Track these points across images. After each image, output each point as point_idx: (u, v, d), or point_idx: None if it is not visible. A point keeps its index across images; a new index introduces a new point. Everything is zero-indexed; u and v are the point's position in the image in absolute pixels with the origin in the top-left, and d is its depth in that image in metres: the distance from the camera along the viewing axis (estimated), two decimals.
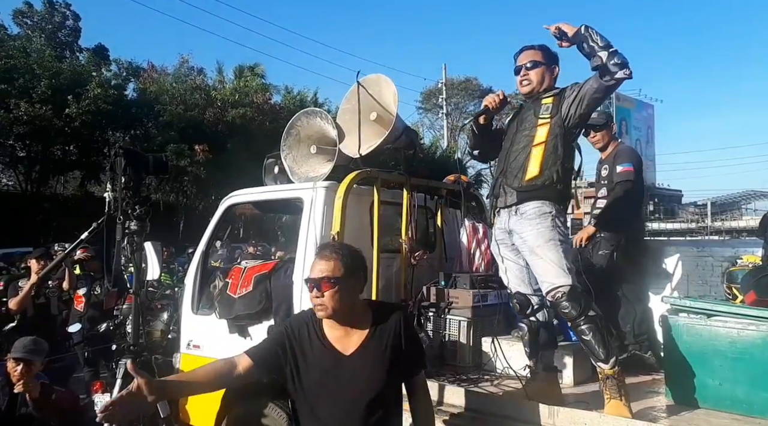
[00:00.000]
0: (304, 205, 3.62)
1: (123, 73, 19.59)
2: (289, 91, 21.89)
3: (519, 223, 2.80)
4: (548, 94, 2.86)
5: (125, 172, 2.14)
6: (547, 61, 2.94)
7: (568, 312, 2.66)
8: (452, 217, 4.53)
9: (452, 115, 33.50)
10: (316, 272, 2.00)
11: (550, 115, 2.80)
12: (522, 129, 2.91)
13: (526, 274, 2.90)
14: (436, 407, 2.70)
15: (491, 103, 2.96)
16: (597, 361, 2.65)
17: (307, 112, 4.17)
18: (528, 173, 2.78)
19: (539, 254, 2.71)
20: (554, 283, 2.67)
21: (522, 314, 2.92)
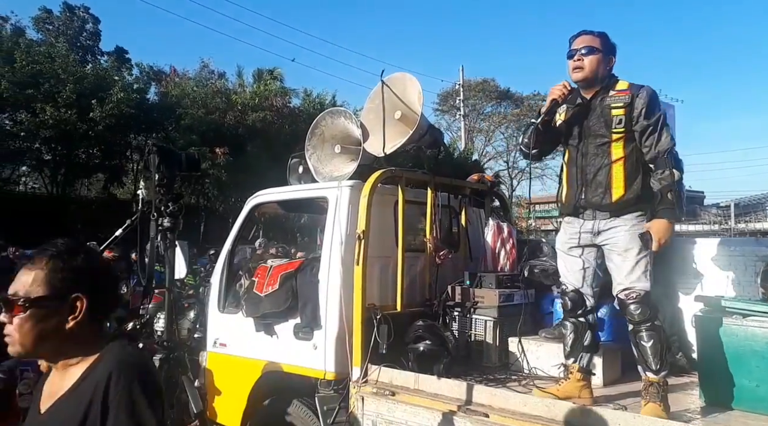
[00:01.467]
0: (329, 205, 3.64)
1: (145, 77, 19.91)
2: (308, 94, 21.99)
3: (614, 224, 2.76)
4: (617, 103, 2.74)
5: (158, 170, 2.17)
6: (605, 49, 2.83)
7: (637, 314, 2.66)
8: (476, 216, 4.51)
9: (469, 116, 33.32)
10: (11, 287, 1.36)
11: (625, 130, 2.73)
12: (591, 136, 2.81)
13: (590, 275, 2.88)
14: (464, 406, 2.69)
15: (560, 95, 2.84)
16: (646, 370, 2.64)
17: (331, 112, 4.19)
18: (614, 193, 2.74)
19: (628, 256, 2.70)
20: (633, 285, 2.68)
21: (571, 313, 2.90)
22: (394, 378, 3.05)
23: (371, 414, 3.01)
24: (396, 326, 3.29)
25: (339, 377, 3.27)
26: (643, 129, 2.70)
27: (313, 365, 3.36)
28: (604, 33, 2.86)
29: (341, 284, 3.36)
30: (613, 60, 2.87)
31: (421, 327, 3.26)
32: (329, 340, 3.32)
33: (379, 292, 3.66)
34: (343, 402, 3.18)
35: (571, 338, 2.90)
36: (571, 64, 2.84)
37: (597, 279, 2.88)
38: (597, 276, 2.87)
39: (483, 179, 4.58)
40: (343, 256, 3.42)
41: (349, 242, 3.41)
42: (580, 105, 2.88)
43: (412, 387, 2.97)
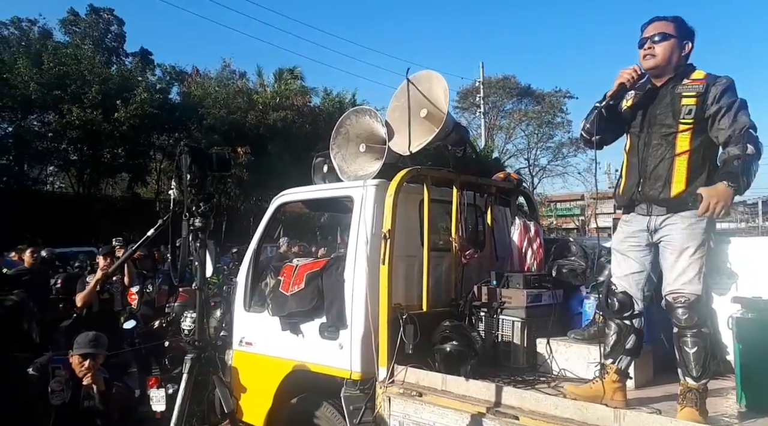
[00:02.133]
0: (355, 204, 3.62)
1: (167, 77, 20.20)
2: (328, 93, 22.08)
3: (671, 220, 2.61)
4: (690, 92, 2.57)
5: (190, 170, 2.18)
6: (679, 34, 2.64)
7: (683, 319, 2.55)
8: (502, 215, 4.46)
9: (489, 114, 33.10)
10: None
11: (694, 121, 2.54)
12: (656, 125, 2.65)
13: (643, 279, 2.76)
14: (493, 408, 2.66)
15: (628, 78, 2.66)
16: (686, 375, 2.55)
17: (356, 111, 4.18)
18: (674, 188, 2.57)
19: (684, 256, 2.56)
20: (684, 287, 2.55)
21: (618, 314, 2.79)
22: (421, 378, 3.03)
23: (398, 415, 2.99)
24: (422, 326, 3.25)
25: (365, 377, 3.26)
26: (716, 112, 2.51)
27: (339, 365, 3.36)
28: (679, 17, 2.68)
29: (367, 284, 3.34)
30: (690, 46, 2.66)
31: (448, 327, 3.23)
32: (355, 340, 3.31)
33: (404, 292, 3.64)
34: (369, 402, 3.17)
35: (613, 339, 2.80)
36: (642, 53, 2.67)
37: (650, 283, 2.75)
38: (650, 280, 2.75)
39: (509, 177, 4.53)
40: (368, 256, 3.41)
41: (375, 241, 3.40)
42: (648, 91, 2.71)
43: (439, 388, 2.94)
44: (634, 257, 2.75)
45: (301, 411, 3.62)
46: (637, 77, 2.68)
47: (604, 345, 2.87)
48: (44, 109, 16.20)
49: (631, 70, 2.67)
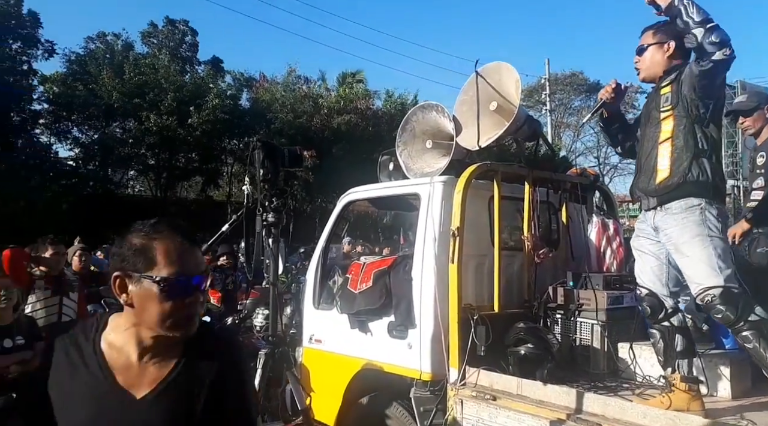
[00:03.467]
0: (422, 201, 3.56)
1: (237, 83, 20.96)
2: (390, 95, 22.15)
3: (663, 219, 2.56)
4: (665, 82, 2.61)
5: (263, 165, 2.19)
6: (658, 39, 2.66)
7: (723, 316, 2.36)
8: (577, 213, 4.25)
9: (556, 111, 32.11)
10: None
11: (672, 106, 2.55)
12: (648, 125, 2.72)
13: (664, 273, 2.63)
14: (574, 415, 2.51)
15: (605, 95, 2.87)
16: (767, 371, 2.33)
17: (422, 107, 4.11)
18: (659, 175, 2.56)
19: (685, 252, 2.45)
20: (703, 284, 2.38)
21: (653, 319, 2.66)
22: (495, 382, 2.92)
23: (471, 418, 2.89)
24: (494, 328, 3.14)
25: (435, 378, 3.18)
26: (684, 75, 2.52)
27: (408, 364, 3.30)
28: (660, 22, 2.66)
29: (435, 283, 3.27)
30: (669, 45, 2.63)
31: (523, 329, 3.09)
32: (424, 340, 3.24)
33: (474, 292, 3.53)
34: (440, 404, 3.09)
35: (660, 346, 2.64)
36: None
37: (673, 277, 2.63)
38: (672, 273, 2.62)
39: (585, 173, 4.31)
40: (436, 254, 3.33)
41: (443, 240, 3.31)
42: (648, 95, 2.82)
43: (514, 392, 2.82)
44: (649, 251, 2.68)
45: (371, 410, 3.59)
46: (612, 91, 2.85)
47: (656, 356, 2.71)
48: (125, 117, 17.23)
49: (608, 87, 2.87)
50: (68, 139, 17.88)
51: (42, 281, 4.27)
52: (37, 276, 4.27)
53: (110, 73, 16.61)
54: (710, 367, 2.84)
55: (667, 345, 2.64)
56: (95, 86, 16.68)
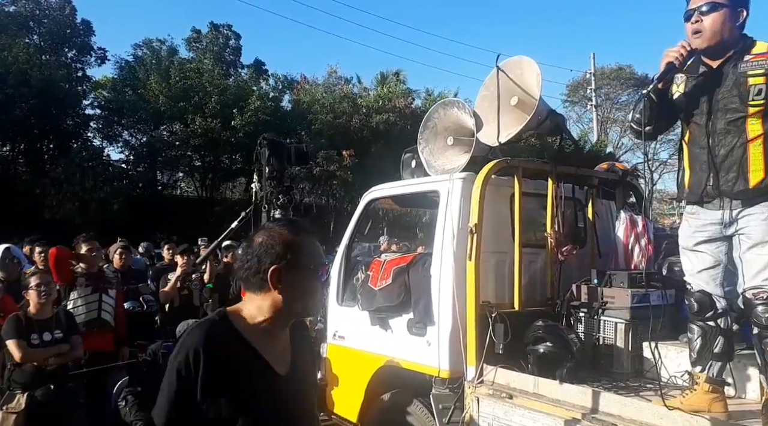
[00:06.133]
0: (441, 198, 3.54)
1: (279, 85, 21.36)
2: (430, 93, 22.04)
3: (747, 213, 2.37)
4: (756, 70, 2.29)
5: (269, 162, 2.23)
6: (732, 2, 2.35)
7: (766, 317, 2.27)
8: (606, 209, 4.13)
9: (602, 106, 31.13)
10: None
11: (765, 101, 2.29)
12: (721, 111, 2.38)
13: (720, 273, 2.50)
14: (589, 414, 2.45)
15: (676, 56, 2.37)
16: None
17: (444, 104, 4.09)
18: (752, 178, 2.32)
19: (763, 250, 2.31)
20: (764, 283, 2.29)
21: (699, 316, 2.53)
22: (512, 380, 2.88)
23: (487, 416, 2.87)
24: (513, 326, 3.10)
25: (453, 375, 3.17)
26: None
27: (427, 362, 3.30)
28: None
29: (454, 280, 3.25)
30: (745, 14, 2.36)
31: (542, 327, 3.04)
32: (443, 337, 3.23)
33: (495, 290, 3.50)
34: (458, 402, 3.07)
35: (698, 344, 2.51)
36: (689, 28, 2.38)
37: (729, 278, 2.46)
38: (728, 274, 2.46)
39: (613, 168, 4.18)
40: (455, 251, 3.32)
41: (462, 237, 3.29)
42: (704, 74, 2.42)
43: (531, 391, 2.78)
44: (707, 251, 2.48)
45: (392, 407, 3.61)
46: (686, 54, 2.36)
47: (689, 351, 2.58)
48: (172, 120, 17.84)
49: (678, 46, 2.37)
50: (119, 142, 18.71)
51: (83, 278, 4.49)
52: (79, 273, 4.50)
53: (157, 78, 17.25)
54: (739, 368, 2.71)
55: (705, 344, 2.52)
56: (143, 91, 17.37)
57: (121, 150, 18.95)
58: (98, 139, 18.50)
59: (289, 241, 1.47)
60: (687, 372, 2.69)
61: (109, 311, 4.52)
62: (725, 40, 2.36)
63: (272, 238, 1.47)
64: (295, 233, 1.49)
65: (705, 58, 2.44)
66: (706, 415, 2.24)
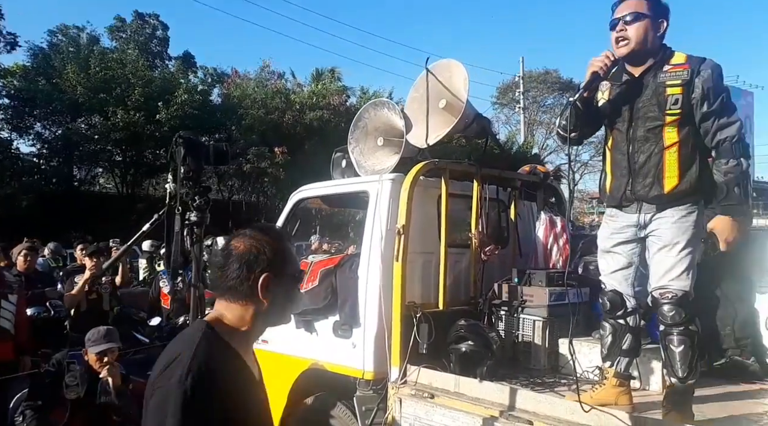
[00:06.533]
0: (370, 199, 3.54)
1: (208, 79, 20.64)
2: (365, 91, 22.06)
3: (660, 216, 2.49)
4: (673, 80, 2.41)
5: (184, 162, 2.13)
6: (653, 13, 2.46)
7: (669, 316, 2.41)
8: (527, 210, 4.28)
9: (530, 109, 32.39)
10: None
11: (681, 111, 2.40)
12: (641, 119, 2.49)
13: (632, 274, 2.63)
14: (507, 412, 2.52)
15: (601, 67, 2.46)
16: (671, 376, 2.41)
17: (374, 104, 4.09)
18: (666, 184, 2.44)
19: (673, 251, 2.44)
20: (671, 283, 2.43)
21: (610, 314, 2.66)
22: (434, 380, 2.92)
23: (409, 417, 2.89)
24: (438, 325, 3.15)
25: (378, 377, 3.17)
26: (705, 114, 2.38)
27: (351, 364, 3.28)
28: None
29: (381, 281, 3.25)
30: (665, 24, 2.50)
31: (464, 326, 3.10)
32: (368, 339, 3.23)
33: (421, 290, 3.54)
34: (381, 403, 3.08)
35: (608, 340, 2.65)
36: (614, 36, 2.50)
37: (640, 278, 2.60)
38: (640, 275, 2.60)
39: (535, 170, 4.34)
40: (383, 252, 3.32)
41: (390, 238, 3.30)
42: (627, 82, 2.54)
43: (452, 390, 2.83)
44: (622, 252, 2.61)
45: (315, 411, 3.56)
46: (610, 64, 2.49)
47: (600, 347, 2.72)
48: (91, 112, 16.80)
49: (603, 56, 2.49)
50: (30, 134, 17.37)
51: None
52: None
53: (75, 68, 16.19)
54: (644, 362, 2.89)
55: (615, 341, 2.66)
56: (59, 81, 16.24)
57: (33, 143, 17.63)
58: (6, 130, 17.10)
59: (276, 247, 1.43)
60: (598, 367, 2.83)
61: (7, 318, 4.17)
62: (647, 48, 2.48)
63: (259, 245, 1.41)
64: (278, 239, 1.45)
65: (628, 66, 2.56)
66: (613, 408, 2.36)
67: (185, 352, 1.30)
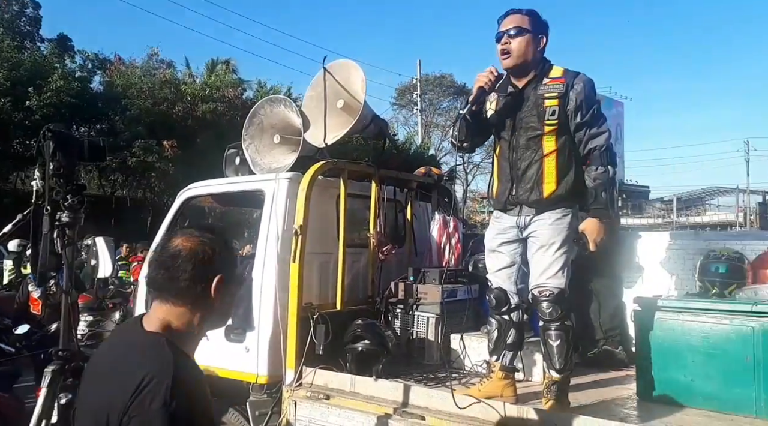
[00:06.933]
0: (266, 198, 3.45)
1: (89, 65, 18.96)
2: (262, 85, 21.50)
3: (538, 218, 2.67)
4: (551, 93, 2.60)
5: (54, 158, 1.93)
6: (534, 29, 2.65)
7: (548, 313, 2.60)
8: (423, 210, 4.40)
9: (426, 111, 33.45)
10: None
11: (558, 121, 2.59)
12: (523, 128, 2.66)
13: (514, 272, 2.79)
14: (400, 409, 2.57)
15: (486, 82, 2.64)
16: (550, 369, 2.61)
17: (270, 100, 3.98)
18: (545, 189, 2.62)
19: (549, 251, 2.61)
20: (548, 281, 2.60)
21: (496, 310, 2.82)
22: (330, 380, 2.91)
23: (304, 419, 2.86)
24: (336, 326, 3.15)
25: (272, 381, 3.10)
26: (578, 125, 2.60)
27: (244, 369, 3.18)
28: (533, 10, 2.70)
29: (276, 283, 3.19)
30: (545, 40, 2.71)
31: (360, 326, 3.12)
32: (262, 342, 3.14)
33: (319, 291, 3.51)
34: (275, 407, 3.01)
35: (494, 335, 2.81)
36: (499, 48, 2.68)
37: (523, 276, 2.79)
38: (523, 273, 2.79)
39: (430, 172, 4.47)
40: (279, 253, 3.25)
41: (287, 238, 3.24)
42: (512, 94, 2.72)
43: (348, 389, 2.83)
44: (505, 252, 2.79)
45: None
46: (494, 79, 2.67)
47: (488, 343, 2.88)
48: None
49: (487, 72, 2.67)
50: None
51: None
52: None
53: None
54: (528, 354, 3.09)
55: (500, 335, 2.81)
56: None
57: None
58: None
59: (226, 248, 1.40)
60: (485, 361, 2.98)
61: None
62: (528, 61, 2.66)
63: (211, 245, 1.35)
64: (226, 240, 1.43)
65: (513, 78, 2.73)
66: (498, 400, 2.49)
67: (160, 374, 1.20)
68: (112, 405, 1.19)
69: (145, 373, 1.20)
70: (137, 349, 1.30)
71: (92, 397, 1.29)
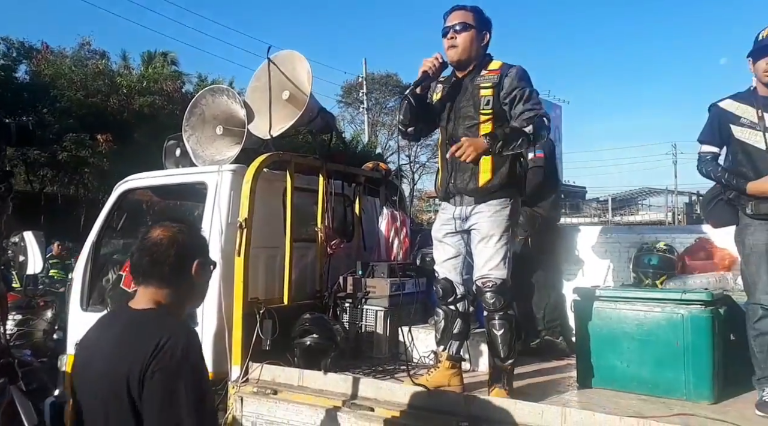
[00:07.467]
0: (208, 191, 3.35)
1: (13, 53, 17.79)
2: (203, 79, 20.87)
3: (478, 214, 2.70)
4: (486, 83, 2.65)
5: None
6: (479, 25, 2.72)
7: (491, 303, 2.64)
8: (371, 205, 4.40)
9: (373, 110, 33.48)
10: None
11: (492, 111, 2.63)
12: (461, 118, 2.71)
13: (460, 263, 2.82)
14: (349, 401, 2.56)
15: (430, 66, 2.67)
16: (495, 357, 2.66)
17: (212, 90, 3.87)
18: (481, 178, 2.64)
19: (490, 243, 2.65)
20: (490, 272, 2.64)
21: (443, 301, 2.85)
22: (277, 375, 2.86)
23: (251, 415, 2.79)
24: (283, 321, 3.09)
25: (217, 377, 2.99)
26: (511, 100, 2.62)
27: None
28: (477, 7, 2.77)
29: (220, 277, 3.08)
30: (488, 36, 2.78)
31: (308, 320, 3.08)
32: (206, 338, 3.04)
33: (265, 286, 3.44)
34: (221, 404, 2.93)
35: (441, 326, 2.85)
36: (446, 43, 2.74)
37: (468, 267, 2.83)
38: (468, 264, 2.82)
39: (377, 167, 4.48)
40: (223, 247, 3.16)
41: (230, 231, 3.16)
42: (453, 84, 2.78)
43: (296, 384, 2.79)
44: (450, 243, 2.83)
45: None
46: (439, 65, 2.72)
47: (435, 333, 2.92)
48: None
49: (433, 58, 2.72)
50: None
51: None
52: None
53: None
54: (474, 345, 3.15)
55: (447, 326, 2.84)
56: None
57: None
58: None
59: (198, 237, 1.60)
60: (433, 351, 3.01)
61: None
62: (472, 56, 2.73)
63: (187, 234, 1.55)
64: (197, 230, 1.64)
65: (456, 70, 2.78)
66: (446, 389, 2.52)
67: (176, 335, 1.37)
68: (131, 371, 1.32)
69: (161, 336, 1.36)
70: (142, 321, 1.45)
71: (101, 376, 1.39)
